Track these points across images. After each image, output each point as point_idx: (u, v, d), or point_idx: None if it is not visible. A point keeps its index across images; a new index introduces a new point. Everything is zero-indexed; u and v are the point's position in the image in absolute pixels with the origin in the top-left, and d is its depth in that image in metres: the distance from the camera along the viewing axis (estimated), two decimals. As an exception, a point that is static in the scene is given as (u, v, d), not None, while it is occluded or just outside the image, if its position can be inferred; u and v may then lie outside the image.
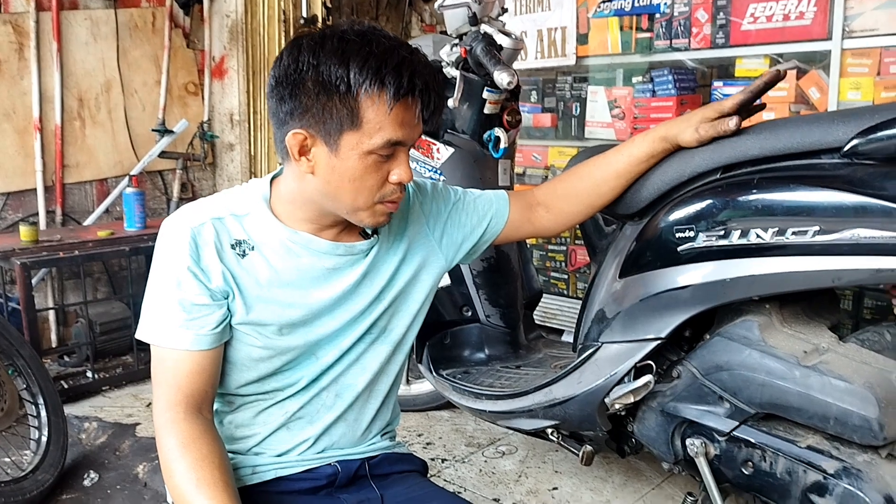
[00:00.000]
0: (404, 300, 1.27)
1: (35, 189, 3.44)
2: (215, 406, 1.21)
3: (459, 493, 2.17)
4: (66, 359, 3.33)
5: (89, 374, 3.10)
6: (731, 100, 1.37)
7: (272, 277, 1.14)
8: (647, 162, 1.44)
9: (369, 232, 1.22)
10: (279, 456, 1.22)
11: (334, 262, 1.18)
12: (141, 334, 1.13)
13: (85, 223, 3.57)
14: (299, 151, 1.08)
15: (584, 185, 1.45)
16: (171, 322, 1.10)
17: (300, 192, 1.13)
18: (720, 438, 1.47)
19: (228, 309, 1.13)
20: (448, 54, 2.01)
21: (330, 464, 1.24)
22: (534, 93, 3.30)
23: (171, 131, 3.69)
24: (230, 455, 1.20)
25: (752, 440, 1.43)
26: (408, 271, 1.26)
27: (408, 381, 2.70)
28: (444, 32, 2.23)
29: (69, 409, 2.73)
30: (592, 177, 1.45)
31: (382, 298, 1.23)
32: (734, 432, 1.45)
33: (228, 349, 1.16)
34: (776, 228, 1.30)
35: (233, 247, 1.13)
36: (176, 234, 1.11)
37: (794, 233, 1.27)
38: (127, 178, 3.50)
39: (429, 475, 1.39)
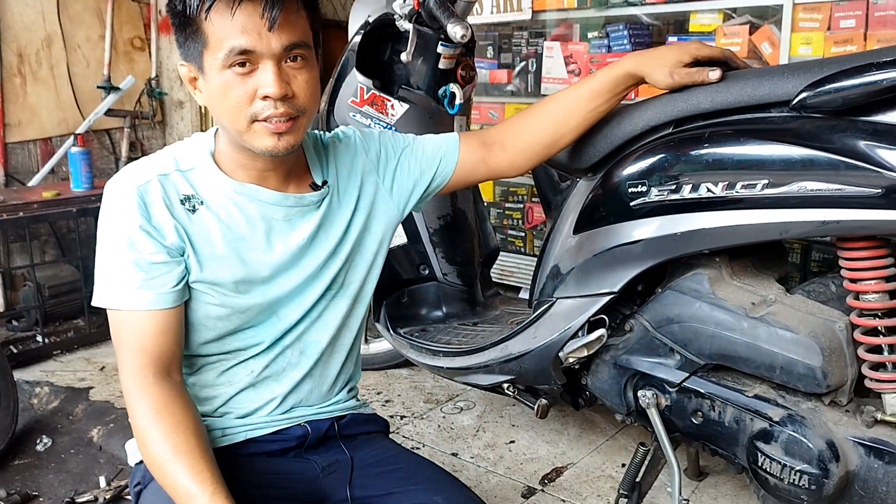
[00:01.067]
0: (359, 252, 1.25)
1: (-25, 149, 3.32)
2: None
3: (418, 448, 2.19)
4: (15, 323, 3.24)
5: (39, 338, 3.03)
6: (707, 49, 1.34)
7: (224, 233, 1.12)
8: (607, 96, 1.37)
9: (319, 183, 1.20)
10: (247, 416, 1.21)
11: (284, 213, 1.16)
12: (98, 300, 1.09)
13: (29, 184, 3.45)
14: (192, 84, 1.10)
15: (542, 121, 1.39)
16: (130, 284, 1.07)
17: (221, 132, 1.14)
18: (671, 389, 1.50)
19: (185, 266, 1.10)
20: (401, 7, 1.97)
21: (300, 424, 1.23)
22: (490, 48, 3.26)
23: (118, 88, 3.57)
24: None
25: (702, 390, 1.46)
26: (361, 222, 1.25)
27: (366, 340, 2.70)
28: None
29: (19, 374, 2.67)
30: (550, 112, 1.39)
31: (339, 252, 1.22)
32: (684, 383, 1.48)
33: (186, 309, 1.13)
34: (726, 182, 1.31)
35: (182, 202, 1.10)
36: (122, 194, 1.08)
37: (743, 186, 1.29)
38: (72, 138, 3.38)
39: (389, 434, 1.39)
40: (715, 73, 1.32)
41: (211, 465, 1.02)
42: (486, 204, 2.55)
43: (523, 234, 3.21)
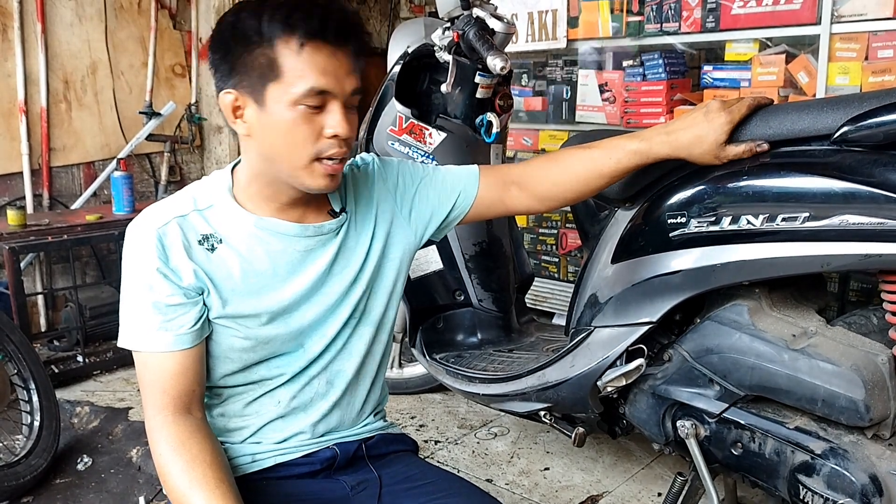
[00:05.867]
0: (379, 279, 1.27)
1: (21, 172, 3.41)
2: (204, 401, 1.21)
3: (452, 474, 2.20)
4: (56, 343, 3.32)
5: (80, 358, 3.10)
6: (737, 112, 1.30)
7: (245, 268, 1.14)
8: (633, 170, 1.36)
9: (336, 210, 1.22)
10: (277, 444, 1.23)
11: (305, 245, 1.17)
12: (122, 342, 1.12)
13: (72, 207, 3.55)
14: (233, 114, 1.08)
15: (565, 177, 1.37)
16: (149, 326, 1.09)
17: (250, 165, 1.13)
18: (710, 420, 1.50)
19: (205, 304, 1.12)
20: (440, 38, 2.01)
21: (328, 447, 1.25)
22: (525, 76, 3.29)
23: (159, 114, 3.66)
24: (227, 446, 1.21)
25: (742, 422, 1.46)
26: (379, 249, 1.26)
27: (400, 365, 2.72)
28: (434, 14, 2.22)
29: (60, 394, 2.73)
30: (573, 170, 1.37)
31: (360, 280, 1.23)
32: (724, 414, 1.48)
33: (210, 343, 1.15)
34: (766, 214, 1.32)
35: (200, 242, 1.12)
36: (141, 237, 1.10)
37: (784, 219, 1.29)
38: (115, 162, 3.48)
39: (422, 457, 1.40)
40: (763, 147, 1.31)
41: (227, 494, 1.04)
42: (520, 230, 2.57)
43: (557, 260, 3.22)
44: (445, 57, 1.99)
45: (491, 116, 2.08)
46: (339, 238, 1.21)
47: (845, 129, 1.25)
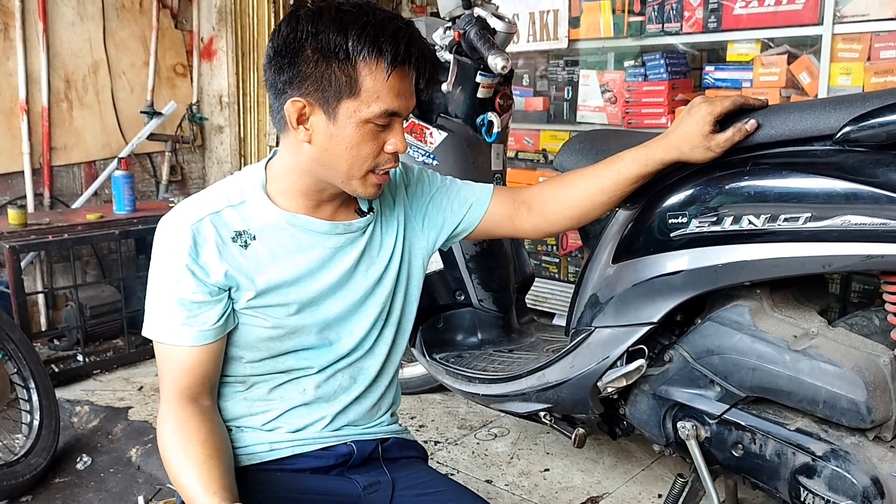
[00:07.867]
0: (401, 280, 1.30)
1: (22, 171, 3.41)
2: (228, 390, 1.23)
3: (452, 475, 2.19)
4: (57, 342, 3.32)
5: (80, 357, 3.10)
6: (719, 106, 1.31)
7: (276, 262, 1.16)
8: (635, 183, 1.37)
9: (364, 209, 1.25)
10: (297, 432, 1.25)
11: (335, 242, 1.20)
12: (146, 332, 1.15)
13: (73, 206, 3.54)
14: (297, 120, 1.09)
15: (570, 196, 1.40)
16: (173, 320, 1.12)
17: (296, 164, 1.15)
18: (711, 421, 1.49)
19: (231, 298, 1.15)
20: (441, 38, 2.00)
21: (346, 443, 1.27)
22: (526, 76, 3.29)
23: (160, 113, 3.66)
24: (246, 432, 1.23)
25: (743, 423, 1.45)
26: (401, 252, 1.29)
27: (400, 365, 2.70)
28: (435, 14, 2.22)
29: (60, 393, 2.73)
30: (577, 188, 1.39)
31: (384, 280, 1.26)
32: (725, 415, 1.47)
33: (236, 333, 1.18)
34: (768, 214, 1.31)
35: (234, 240, 1.15)
36: (174, 232, 1.13)
37: (785, 219, 1.29)
38: (116, 161, 3.48)
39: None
40: (751, 123, 1.31)
41: (213, 469, 1.05)
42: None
43: (557, 261, 3.22)
44: (446, 56, 1.98)
45: (492, 116, 2.08)
46: (365, 236, 1.24)
47: (848, 128, 1.24)
